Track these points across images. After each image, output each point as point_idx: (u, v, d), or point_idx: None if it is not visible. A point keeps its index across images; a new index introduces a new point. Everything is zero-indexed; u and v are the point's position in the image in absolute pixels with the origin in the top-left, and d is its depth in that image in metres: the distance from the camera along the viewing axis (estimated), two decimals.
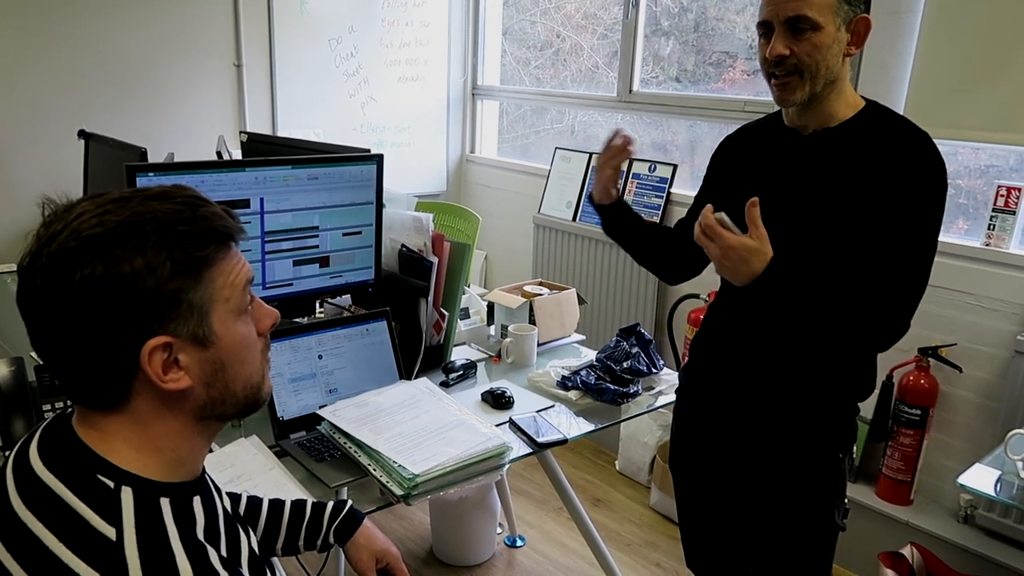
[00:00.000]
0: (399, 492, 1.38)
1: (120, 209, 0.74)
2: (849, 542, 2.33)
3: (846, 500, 1.59)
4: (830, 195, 1.39)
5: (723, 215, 1.33)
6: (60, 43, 2.82)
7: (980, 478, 1.85)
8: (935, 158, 1.34)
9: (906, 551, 2.27)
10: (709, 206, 1.35)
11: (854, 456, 1.53)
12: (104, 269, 0.71)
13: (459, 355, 2.03)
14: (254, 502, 1.19)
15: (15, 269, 2.72)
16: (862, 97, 1.43)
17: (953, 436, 2.42)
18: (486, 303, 2.26)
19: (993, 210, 2.27)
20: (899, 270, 1.36)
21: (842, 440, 1.52)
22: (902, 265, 1.36)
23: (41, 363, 1.56)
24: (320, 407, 1.60)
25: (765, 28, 1.38)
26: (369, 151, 2.00)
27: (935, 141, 1.36)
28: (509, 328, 2.08)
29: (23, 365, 1.47)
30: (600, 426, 1.79)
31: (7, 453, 0.82)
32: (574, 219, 3.36)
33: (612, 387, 1.84)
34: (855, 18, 1.34)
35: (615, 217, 1.70)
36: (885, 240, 1.34)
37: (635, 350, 1.93)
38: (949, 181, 1.36)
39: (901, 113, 2.29)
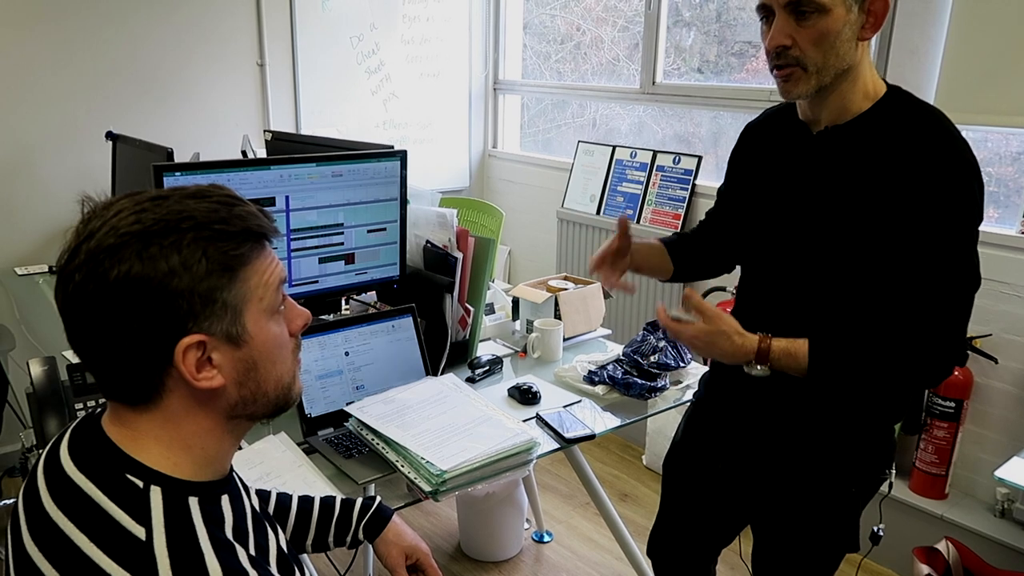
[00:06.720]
0: (427, 488, 1.38)
1: (157, 207, 0.75)
2: (882, 537, 2.29)
3: (880, 526, 1.52)
4: (835, 205, 1.24)
5: (676, 312, 1.30)
6: (86, 47, 2.85)
7: (1018, 471, 1.82)
8: (958, 161, 1.16)
9: (941, 546, 2.23)
10: (660, 306, 1.31)
11: (887, 474, 1.45)
12: (141, 267, 0.72)
13: (485, 351, 2.03)
14: (283, 499, 1.20)
15: (47, 270, 2.76)
16: (885, 82, 1.26)
17: (988, 428, 2.37)
18: (511, 298, 2.25)
19: None
20: (925, 298, 1.18)
21: (875, 467, 1.39)
22: (928, 291, 1.18)
23: (74, 362, 1.58)
24: (347, 404, 1.60)
25: (765, 12, 1.23)
26: (392, 147, 2.00)
27: (967, 128, 1.22)
28: (535, 323, 2.07)
29: (55, 364, 1.49)
30: (627, 421, 1.78)
31: (40, 452, 0.83)
32: (598, 212, 3.34)
33: (639, 381, 1.82)
34: None
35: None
36: (903, 263, 1.19)
37: (662, 344, 1.91)
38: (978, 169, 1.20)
39: (932, 99, 2.23)
